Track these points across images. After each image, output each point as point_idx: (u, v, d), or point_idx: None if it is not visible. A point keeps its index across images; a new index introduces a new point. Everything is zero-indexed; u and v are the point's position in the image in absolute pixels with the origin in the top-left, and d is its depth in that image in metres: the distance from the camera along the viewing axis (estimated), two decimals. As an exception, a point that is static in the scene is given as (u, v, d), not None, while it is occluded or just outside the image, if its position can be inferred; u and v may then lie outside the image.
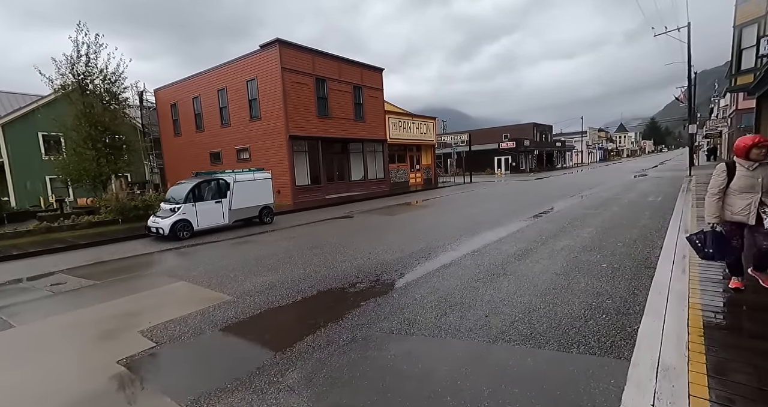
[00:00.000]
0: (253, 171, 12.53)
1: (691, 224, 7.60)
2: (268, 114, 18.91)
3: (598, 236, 7.89)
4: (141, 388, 3.23)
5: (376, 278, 5.88)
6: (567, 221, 9.90)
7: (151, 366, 3.61)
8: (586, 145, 66.74)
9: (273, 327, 4.39)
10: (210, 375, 3.33)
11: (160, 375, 3.49)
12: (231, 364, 3.49)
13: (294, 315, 4.70)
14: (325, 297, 5.22)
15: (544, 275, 5.52)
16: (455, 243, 8.07)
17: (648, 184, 19.32)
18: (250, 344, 4.00)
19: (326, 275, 6.18)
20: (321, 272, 6.40)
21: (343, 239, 9.26)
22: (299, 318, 4.59)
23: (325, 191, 21.11)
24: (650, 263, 5.67)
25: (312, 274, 6.31)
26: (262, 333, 4.20)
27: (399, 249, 7.79)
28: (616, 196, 14.87)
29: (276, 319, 4.56)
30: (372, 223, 12.03)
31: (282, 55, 17.89)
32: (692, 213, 8.71)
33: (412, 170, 29.13)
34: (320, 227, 11.72)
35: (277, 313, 4.72)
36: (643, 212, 10.53)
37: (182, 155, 24.21)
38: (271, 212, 12.93)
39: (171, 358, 3.75)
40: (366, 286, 5.54)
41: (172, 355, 3.78)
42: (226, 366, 3.47)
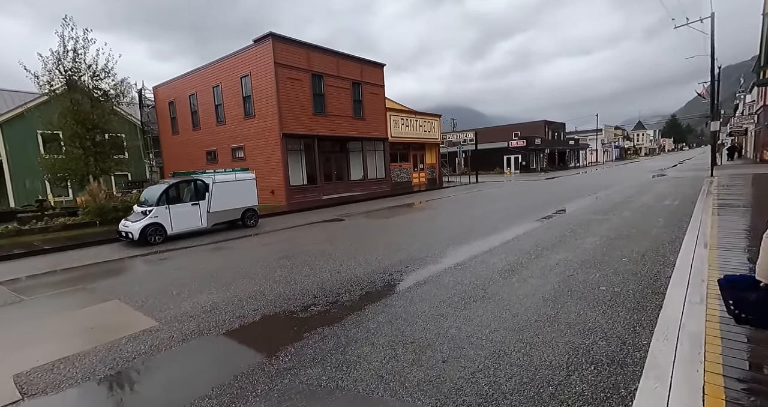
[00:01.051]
0: (235, 171, 11.83)
1: (711, 235, 6.57)
2: (262, 111, 18.24)
3: (601, 247, 6.92)
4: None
5: (335, 300, 5.07)
6: (570, 228, 8.92)
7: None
8: (602, 143, 64.58)
9: (180, 372, 3.55)
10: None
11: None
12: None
13: (216, 353, 3.89)
14: (267, 325, 4.43)
15: (530, 299, 4.62)
16: (440, 254, 7.20)
17: (665, 185, 18.03)
18: (134, 398, 3.21)
19: (281, 294, 5.40)
20: (277, 289, 5.62)
21: (320, 247, 8.48)
22: (220, 358, 3.76)
23: (322, 192, 20.38)
24: (659, 287, 4.72)
25: (266, 292, 5.53)
26: (162, 381, 3.40)
27: (376, 261, 6.96)
28: (628, 199, 13.74)
29: (191, 359, 3.73)
30: (359, 228, 11.22)
31: (275, 49, 17.17)
32: (712, 222, 7.65)
33: (415, 170, 28.20)
34: (303, 232, 10.96)
35: (197, 349, 3.92)
36: (657, 218, 9.47)
37: (180, 153, 23.78)
38: (255, 214, 12.23)
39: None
40: (320, 310, 4.73)
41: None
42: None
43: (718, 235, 6.54)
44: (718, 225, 7.30)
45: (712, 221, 7.75)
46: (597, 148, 62.58)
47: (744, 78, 45.99)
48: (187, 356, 3.79)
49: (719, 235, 6.54)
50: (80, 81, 15.33)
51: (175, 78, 22.93)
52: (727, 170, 23.37)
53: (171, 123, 24.03)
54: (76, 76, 15.20)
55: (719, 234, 6.60)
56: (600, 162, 62.22)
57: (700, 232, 6.92)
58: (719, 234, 6.60)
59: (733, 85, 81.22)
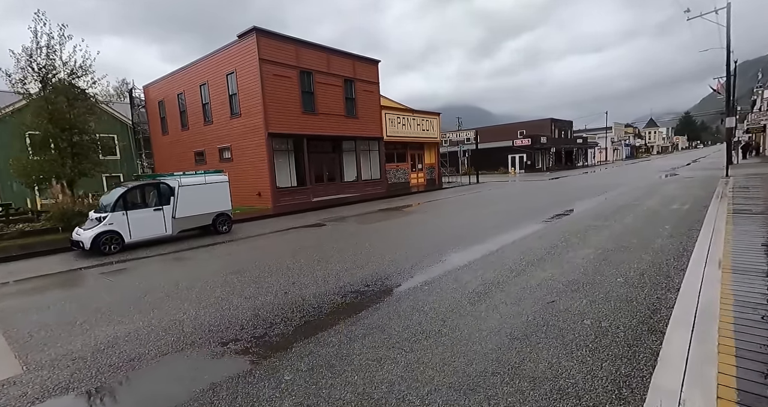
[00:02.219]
0: (205, 174, 11.03)
1: (725, 251, 5.57)
2: (248, 110, 17.47)
3: (595, 263, 5.96)
4: None
5: (263, 333, 4.21)
6: (563, 236, 7.94)
7: None
8: (611, 141, 62.79)
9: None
10: None
11: None
12: None
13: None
14: (161, 373, 3.56)
15: (494, 338, 3.71)
16: (410, 269, 6.31)
17: (675, 186, 16.85)
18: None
19: (204, 323, 4.55)
20: (202, 317, 4.77)
21: (281, 259, 7.63)
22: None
23: (313, 194, 19.56)
24: (657, 324, 3.77)
25: (188, 320, 4.69)
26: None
27: (335, 277, 6.10)
28: (633, 202, 12.66)
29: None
30: (337, 234, 10.35)
31: (260, 45, 16.37)
32: (727, 233, 6.62)
33: (413, 170, 27.25)
34: (275, 240, 10.13)
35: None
36: (663, 225, 8.43)
37: (170, 154, 23.17)
38: (229, 220, 11.44)
39: None
40: (238, 348, 3.88)
41: None
42: None
43: (733, 251, 5.52)
44: (733, 237, 6.27)
45: (726, 231, 6.71)
46: (606, 146, 60.82)
47: (762, 73, 44.07)
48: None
49: (734, 251, 5.53)
50: (55, 79, 14.71)
51: (165, 76, 22.29)
52: (743, 169, 22.00)
53: (161, 123, 23.42)
54: (51, 74, 14.59)
55: (734, 249, 5.59)
56: (609, 161, 60.48)
57: (711, 245, 5.90)
58: (734, 249, 5.59)
59: (750, 81, 78.67)
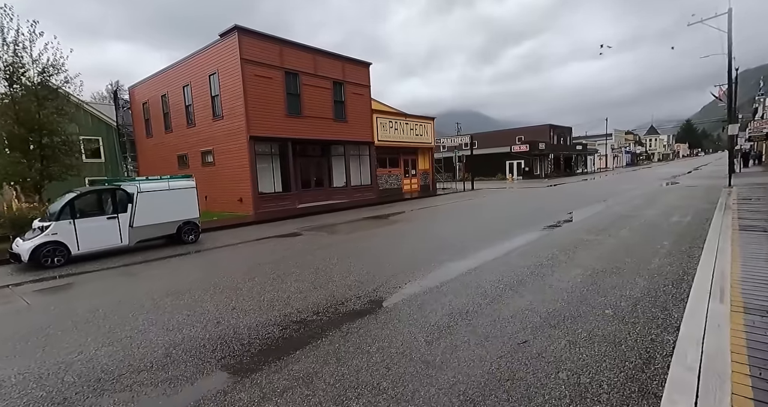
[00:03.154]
0: (169, 179, 10.25)
1: (732, 280, 4.76)
2: (230, 112, 16.76)
3: (580, 288, 5.15)
4: None
5: (161, 380, 3.41)
6: (551, 253, 7.14)
7: None
8: (611, 148, 62.03)
9: None
10: None
11: None
12: None
13: None
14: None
15: (441, 400, 2.90)
16: (371, 293, 5.51)
17: (676, 196, 16.04)
18: None
19: (90, 370, 3.73)
20: (96, 359, 3.95)
21: (234, 277, 6.84)
22: None
23: (299, 200, 18.78)
24: (650, 382, 2.96)
25: (76, 364, 3.88)
26: None
27: (283, 303, 5.31)
28: (631, 212, 11.86)
29: None
30: (308, 246, 9.56)
31: (241, 44, 15.68)
32: (733, 255, 5.81)
33: (406, 176, 26.49)
34: (240, 252, 9.35)
35: None
36: (661, 241, 7.63)
37: (154, 157, 22.46)
38: (195, 228, 10.64)
39: None
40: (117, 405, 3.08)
41: None
42: None
43: (742, 279, 4.70)
44: (741, 261, 5.45)
45: (732, 252, 5.90)
46: (606, 153, 60.05)
47: (763, 81, 43.42)
48: None
49: (743, 279, 4.71)
50: (24, 77, 14.02)
51: (149, 77, 21.61)
52: (746, 178, 21.20)
53: (145, 125, 22.73)
54: (19, 72, 13.90)
55: (743, 277, 4.78)
56: (609, 168, 59.68)
57: (715, 271, 5.09)
58: (743, 277, 4.78)
59: (752, 89, 78.06)
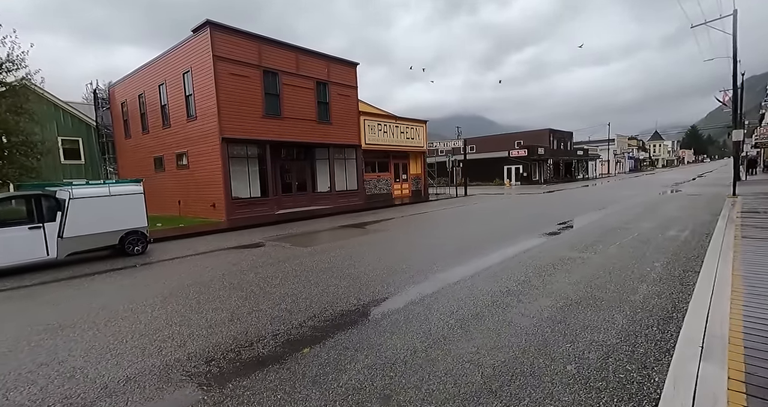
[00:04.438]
0: (110, 184, 9.33)
1: (732, 321, 3.75)
2: (203, 113, 15.89)
3: (543, 331, 4.15)
4: None
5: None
6: (522, 276, 6.15)
7: None
8: (614, 154, 60.79)
9: None
10: None
11: None
12: None
13: None
14: None
15: None
16: (283, 335, 4.54)
17: (676, 205, 14.97)
18: None
19: None
20: None
21: (151, 302, 5.88)
22: None
23: (278, 205, 17.86)
24: None
25: None
26: None
27: (176, 343, 4.36)
28: (625, 224, 10.83)
29: None
30: (263, 260, 8.60)
31: (214, 41, 14.82)
32: (734, 282, 4.79)
33: (396, 181, 25.51)
34: (184, 267, 8.39)
35: None
36: (653, 263, 6.61)
37: (132, 159, 21.64)
38: (142, 238, 9.69)
39: None
40: None
41: None
42: None
43: (745, 331, 3.67)
44: (744, 298, 4.40)
45: (733, 283, 4.87)
46: (608, 159, 58.83)
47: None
48: None
49: (746, 331, 3.68)
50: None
51: (128, 75, 20.81)
52: (751, 187, 20.09)
53: (124, 126, 21.93)
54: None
55: (746, 328, 3.75)
56: (611, 174, 58.46)
57: (711, 313, 4.06)
58: (746, 328, 3.75)
59: (758, 95, 76.83)
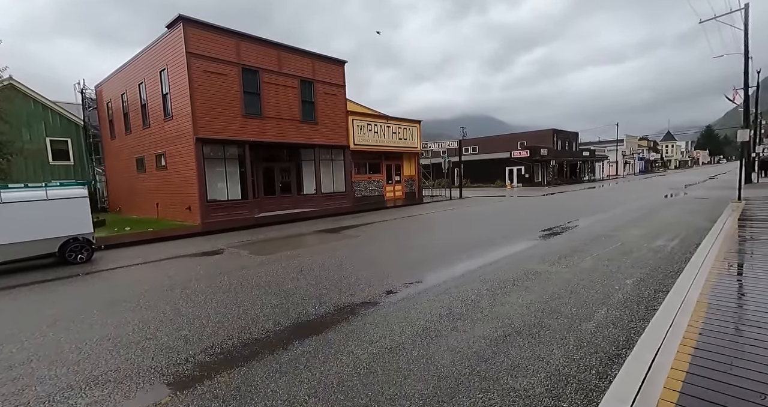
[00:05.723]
0: (51, 186, 8.78)
1: (675, 372, 2.94)
2: (178, 112, 15.37)
3: (466, 368, 3.38)
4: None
5: None
6: (474, 294, 5.38)
7: None
8: (623, 155, 59.06)
9: None
10: None
11: None
12: None
13: None
14: None
15: None
16: (144, 377, 3.86)
17: (676, 210, 13.95)
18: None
19: None
20: None
21: (34, 329, 5.27)
22: None
23: (258, 208, 17.26)
24: None
25: None
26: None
27: (35, 382, 3.69)
28: (613, 232, 9.94)
29: None
30: (199, 274, 7.95)
31: (187, 37, 14.28)
32: (695, 315, 3.95)
33: (389, 183, 24.76)
34: (114, 279, 7.79)
35: None
36: (624, 280, 5.77)
37: (117, 160, 21.29)
38: (87, 246, 9.11)
39: None
40: None
41: None
42: None
43: (685, 386, 2.86)
44: (698, 334, 3.59)
45: (694, 316, 4.02)
46: (617, 160, 57.16)
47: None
48: None
49: (687, 385, 2.87)
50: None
51: (113, 73, 20.42)
52: (762, 190, 18.87)
53: (109, 126, 21.61)
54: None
55: (689, 379, 2.93)
56: (620, 175, 56.79)
57: (659, 356, 3.25)
58: (689, 379, 2.93)
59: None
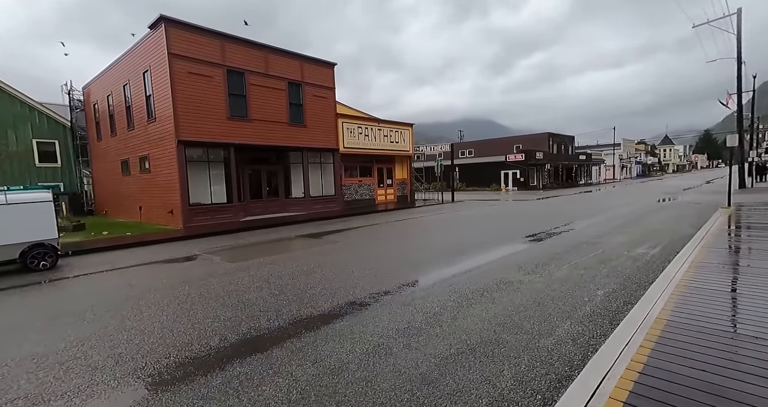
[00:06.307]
0: (12, 191, 8.50)
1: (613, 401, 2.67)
2: (161, 114, 15.14)
3: (406, 393, 3.11)
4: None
5: None
6: (438, 306, 5.12)
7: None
8: (620, 158, 58.88)
9: None
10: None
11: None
12: None
13: None
14: None
15: None
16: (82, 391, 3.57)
17: (665, 216, 13.69)
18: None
19: None
20: None
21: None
22: None
23: (244, 212, 17.00)
24: None
25: None
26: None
27: (2, 393, 3.41)
28: (597, 238, 9.68)
29: None
30: (160, 283, 7.68)
31: (169, 37, 14.06)
32: (650, 335, 3.68)
33: (380, 186, 24.50)
34: (73, 288, 7.52)
35: None
36: (595, 291, 5.51)
37: (104, 162, 21.04)
38: (51, 252, 8.80)
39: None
40: None
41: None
42: None
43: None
44: (648, 356, 3.32)
45: (650, 334, 3.75)
46: (614, 164, 56.99)
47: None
48: None
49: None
50: None
51: (99, 74, 20.17)
52: (753, 195, 18.62)
53: (96, 128, 21.38)
54: None
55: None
56: (617, 179, 56.58)
57: (604, 383, 2.98)
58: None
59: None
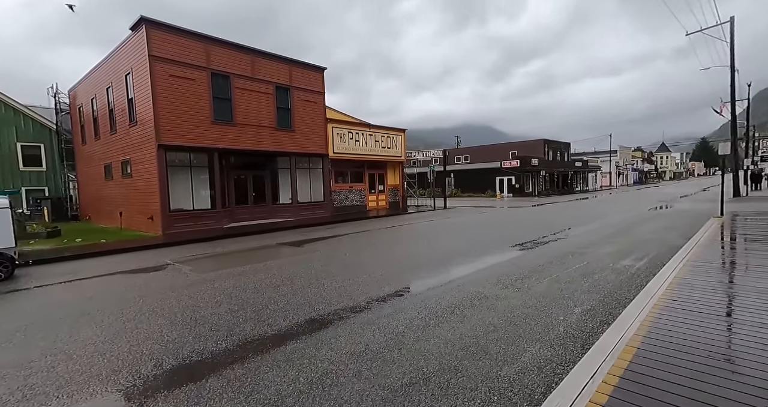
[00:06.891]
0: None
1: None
2: (142, 117, 14.79)
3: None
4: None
5: None
6: (402, 327, 4.74)
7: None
8: (616, 165, 58.77)
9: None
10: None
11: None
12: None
13: None
14: None
15: None
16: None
17: (656, 225, 13.36)
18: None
19: None
20: None
21: None
22: None
23: (229, 218, 16.60)
24: None
25: None
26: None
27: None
28: (584, 248, 9.32)
29: None
30: (115, 297, 7.30)
31: (150, 39, 13.76)
32: (617, 364, 3.31)
33: (372, 192, 24.15)
34: (22, 302, 7.12)
35: None
36: (573, 308, 5.13)
37: (88, 166, 20.64)
38: (7, 261, 8.37)
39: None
40: None
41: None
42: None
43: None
44: (611, 392, 2.95)
45: (618, 364, 3.38)
46: (610, 171, 56.83)
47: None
48: None
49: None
50: None
51: (84, 77, 19.84)
52: (748, 203, 18.32)
53: (81, 131, 21.01)
54: None
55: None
56: (613, 186, 56.41)
57: (582, 398, 2.60)
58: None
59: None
